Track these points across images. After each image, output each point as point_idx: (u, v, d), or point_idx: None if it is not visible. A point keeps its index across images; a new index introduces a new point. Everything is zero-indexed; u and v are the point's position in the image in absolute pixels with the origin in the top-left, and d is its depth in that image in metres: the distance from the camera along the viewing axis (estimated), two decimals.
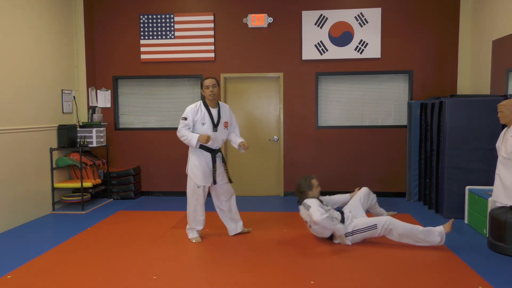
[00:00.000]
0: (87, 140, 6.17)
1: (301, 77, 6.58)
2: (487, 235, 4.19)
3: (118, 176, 6.55)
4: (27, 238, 4.63)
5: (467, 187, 4.97)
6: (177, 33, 6.63)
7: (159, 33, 6.66)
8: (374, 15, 6.37)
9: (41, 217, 5.53)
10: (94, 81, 6.80)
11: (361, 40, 6.40)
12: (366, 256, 3.90)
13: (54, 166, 5.82)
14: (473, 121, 5.08)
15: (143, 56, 6.71)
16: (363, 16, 6.38)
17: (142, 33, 6.69)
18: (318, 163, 6.63)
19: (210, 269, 3.71)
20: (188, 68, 6.71)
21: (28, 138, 5.35)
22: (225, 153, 6.62)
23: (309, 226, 4.37)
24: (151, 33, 6.67)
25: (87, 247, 4.23)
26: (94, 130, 6.20)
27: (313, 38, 6.46)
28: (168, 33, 6.65)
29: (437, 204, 5.49)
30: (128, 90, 6.91)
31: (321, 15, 6.43)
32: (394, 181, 6.48)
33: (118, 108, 6.91)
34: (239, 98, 6.74)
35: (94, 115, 6.54)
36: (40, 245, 4.32)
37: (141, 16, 6.66)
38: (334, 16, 6.42)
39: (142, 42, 6.70)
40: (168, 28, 6.64)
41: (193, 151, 4.34)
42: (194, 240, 4.38)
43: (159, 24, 6.64)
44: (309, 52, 6.49)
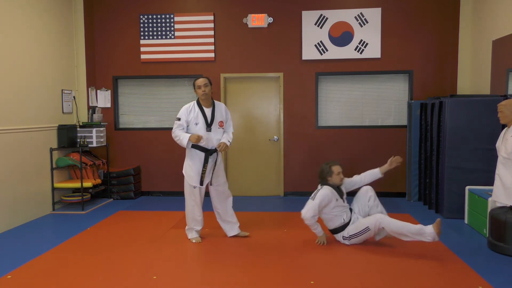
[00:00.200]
0: (87, 140, 6.17)
1: (301, 77, 6.58)
2: (487, 235, 4.19)
3: (118, 176, 6.55)
4: (27, 238, 4.63)
5: (467, 187, 4.97)
6: (177, 33, 6.63)
7: (159, 33, 6.66)
8: (374, 15, 6.37)
9: (41, 217, 5.53)
10: (94, 81, 6.80)
11: (361, 40, 6.40)
12: (366, 256, 3.90)
13: (54, 166, 5.82)
14: (473, 121, 5.08)
15: (143, 56, 6.71)
16: (363, 16, 6.38)
17: (142, 33, 6.69)
18: (318, 163, 6.57)
19: (210, 269, 3.71)
20: (188, 68, 6.71)
21: (28, 138, 5.35)
22: (225, 153, 6.62)
23: None
24: (151, 33, 6.67)
25: (87, 247, 4.23)
26: (94, 130, 6.20)
27: (313, 38, 6.46)
28: (168, 33, 6.65)
29: (437, 204, 5.49)
30: (128, 90, 6.91)
31: (321, 15, 6.43)
32: (394, 181, 6.48)
33: (118, 108, 6.91)
34: (239, 98, 6.74)
35: (94, 115, 6.54)
36: (40, 245, 4.32)
37: (141, 16, 6.66)
38: (334, 16, 6.42)
39: (142, 42, 6.70)
40: (168, 28, 6.64)
41: (188, 151, 4.33)
42: (194, 240, 4.38)
43: (159, 24, 6.64)
44: (309, 52, 6.49)
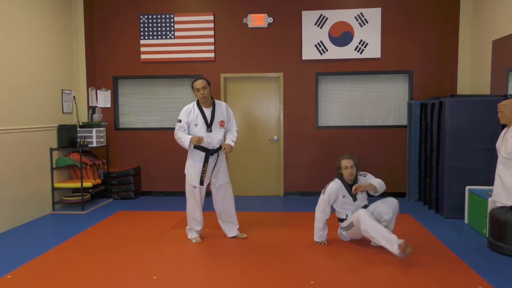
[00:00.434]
0: (87, 140, 6.17)
1: (301, 77, 6.58)
2: (487, 235, 4.19)
3: (118, 176, 6.55)
4: (27, 238, 4.63)
5: (467, 187, 4.97)
6: (177, 33, 6.63)
7: (159, 33, 6.66)
8: (374, 15, 6.37)
9: (41, 217, 5.53)
10: (94, 81, 6.80)
11: (361, 40, 6.40)
12: (366, 256, 3.90)
13: (54, 166, 5.82)
14: (473, 121, 5.08)
15: (143, 56, 6.71)
16: (363, 16, 6.38)
17: (142, 33, 6.69)
18: (318, 163, 6.63)
19: (210, 269, 3.71)
20: (188, 68, 6.71)
21: (28, 138, 5.35)
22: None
23: None
24: (151, 33, 6.67)
25: (87, 247, 4.23)
26: (94, 130, 6.20)
27: (313, 38, 6.46)
28: (168, 33, 6.65)
29: (437, 204, 5.49)
30: (128, 90, 6.91)
31: (321, 15, 6.43)
32: (394, 181, 6.47)
33: (118, 108, 6.91)
34: (239, 98, 6.74)
35: (94, 115, 6.54)
36: (40, 245, 4.32)
37: (141, 16, 6.66)
38: (334, 16, 6.42)
39: (142, 42, 6.70)
40: (168, 28, 6.64)
41: (190, 152, 4.33)
42: (194, 240, 4.37)
43: (159, 24, 6.64)
44: (309, 52, 6.49)
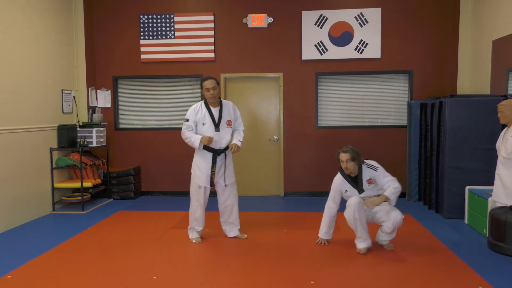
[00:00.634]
0: (87, 140, 6.17)
1: (301, 77, 6.58)
2: (487, 235, 4.19)
3: (118, 176, 6.55)
4: (27, 238, 4.63)
5: (467, 187, 4.97)
6: (177, 33, 6.63)
7: (159, 33, 6.66)
8: (374, 15, 6.37)
9: (41, 217, 5.53)
10: (94, 81, 6.80)
11: (361, 40, 6.40)
12: (366, 256, 3.90)
13: (54, 166, 5.82)
14: (473, 121, 5.08)
15: (143, 56, 6.71)
16: (363, 16, 6.38)
17: (142, 33, 6.69)
18: (318, 163, 6.63)
19: (210, 269, 3.71)
20: (188, 68, 6.71)
21: (28, 138, 5.35)
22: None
23: None
24: (151, 33, 6.67)
25: (87, 247, 4.23)
26: (94, 130, 6.20)
27: (313, 38, 6.46)
28: (168, 33, 6.65)
29: (437, 204, 5.49)
30: (128, 90, 6.91)
31: (321, 15, 6.43)
32: None
33: (118, 108, 6.91)
34: (239, 98, 6.74)
35: (94, 115, 6.54)
36: (40, 245, 4.32)
37: (141, 16, 6.66)
38: (334, 16, 6.42)
39: (142, 42, 6.70)
40: (168, 28, 6.64)
41: (197, 151, 4.33)
42: (194, 241, 4.37)
43: (159, 24, 6.64)
44: (309, 52, 6.49)
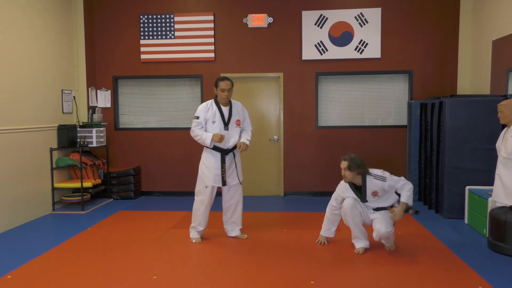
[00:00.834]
0: (87, 140, 6.17)
1: (301, 77, 6.58)
2: (487, 235, 4.19)
3: (118, 176, 6.55)
4: (27, 238, 4.63)
5: (467, 187, 4.97)
6: (177, 33, 6.63)
7: (159, 33, 6.66)
8: (374, 15, 6.37)
9: (41, 217, 5.53)
10: (94, 81, 6.79)
11: (361, 40, 6.40)
12: (366, 256, 3.90)
13: (54, 166, 5.82)
14: (473, 121, 5.07)
15: (143, 56, 6.71)
16: (363, 16, 6.38)
17: (142, 33, 6.68)
18: (318, 163, 6.63)
19: (210, 269, 3.71)
20: (188, 68, 6.71)
21: (28, 138, 5.34)
22: None
23: None
24: (151, 33, 6.67)
25: (87, 247, 4.23)
26: (94, 130, 6.20)
27: (313, 38, 6.46)
28: (168, 33, 6.65)
29: (437, 204, 5.48)
30: (128, 90, 6.91)
31: (321, 15, 6.43)
32: None
33: (118, 108, 6.91)
34: (239, 98, 6.62)
35: (94, 115, 6.54)
36: (40, 245, 4.32)
37: (141, 16, 6.66)
38: (334, 16, 6.42)
39: (142, 42, 6.70)
40: (168, 28, 6.64)
41: (205, 150, 4.32)
42: (194, 240, 4.37)
43: (159, 24, 6.64)
44: (309, 52, 6.49)
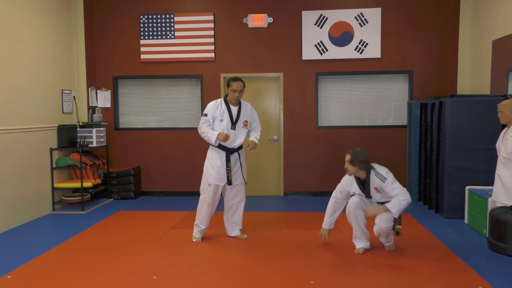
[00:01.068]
0: (87, 140, 6.17)
1: (301, 77, 6.58)
2: (487, 235, 4.19)
3: (118, 176, 6.55)
4: (27, 238, 4.63)
5: (467, 187, 4.97)
6: (177, 33, 6.63)
7: (159, 33, 6.66)
8: (374, 15, 6.37)
9: (41, 217, 5.53)
10: (94, 81, 6.79)
11: (361, 40, 6.40)
12: (366, 256, 3.90)
13: (54, 166, 5.82)
14: (473, 121, 5.07)
15: (143, 56, 6.71)
16: (363, 16, 6.38)
17: (142, 33, 6.68)
18: (318, 163, 6.63)
19: (210, 269, 3.71)
20: (188, 68, 6.71)
21: (28, 138, 5.34)
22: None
23: None
24: (151, 33, 6.67)
25: (87, 247, 4.23)
26: (94, 130, 6.20)
27: (313, 38, 6.46)
28: (168, 33, 6.65)
29: (437, 204, 5.48)
30: (128, 90, 6.91)
31: (321, 15, 6.43)
32: None
33: (118, 108, 6.91)
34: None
35: (94, 115, 6.54)
36: (40, 245, 4.32)
37: (141, 16, 6.66)
38: (334, 16, 6.42)
39: (142, 42, 6.70)
40: (168, 28, 6.64)
41: (211, 148, 4.34)
42: (194, 239, 4.37)
43: (159, 24, 6.64)
44: (309, 52, 6.49)
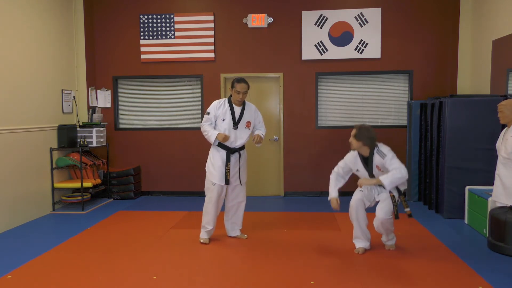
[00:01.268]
0: (87, 140, 6.17)
1: (301, 77, 6.58)
2: (487, 235, 4.19)
3: (118, 176, 6.55)
4: (27, 238, 4.63)
5: (467, 187, 4.97)
6: (177, 33, 6.63)
7: (159, 33, 6.66)
8: (374, 15, 6.37)
9: (41, 217, 5.53)
10: (94, 81, 6.79)
11: (361, 40, 6.40)
12: (366, 256, 3.90)
13: (54, 166, 5.82)
14: (473, 121, 5.08)
15: (143, 56, 6.71)
16: (363, 16, 6.38)
17: (142, 33, 6.68)
18: (318, 163, 6.63)
19: (210, 269, 3.71)
20: (188, 68, 6.71)
21: (28, 138, 5.34)
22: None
23: None
24: (151, 33, 6.67)
25: (87, 247, 4.23)
26: (94, 130, 6.20)
27: (313, 38, 6.46)
28: (168, 33, 6.65)
29: (437, 204, 5.49)
30: (128, 90, 6.91)
31: (321, 15, 6.43)
32: None
33: (118, 108, 6.91)
34: None
35: (94, 115, 6.54)
36: (40, 245, 4.32)
37: (141, 16, 6.66)
38: (334, 16, 6.42)
39: (142, 42, 6.70)
40: (168, 28, 6.64)
41: (212, 147, 4.34)
42: (202, 241, 4.34)
43: (159, 24, 6.64)
44: (309, 52, 6.49)
